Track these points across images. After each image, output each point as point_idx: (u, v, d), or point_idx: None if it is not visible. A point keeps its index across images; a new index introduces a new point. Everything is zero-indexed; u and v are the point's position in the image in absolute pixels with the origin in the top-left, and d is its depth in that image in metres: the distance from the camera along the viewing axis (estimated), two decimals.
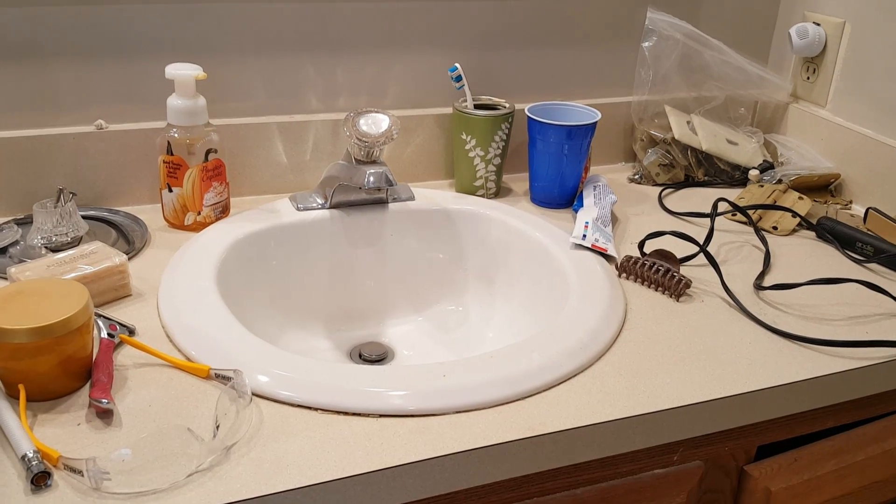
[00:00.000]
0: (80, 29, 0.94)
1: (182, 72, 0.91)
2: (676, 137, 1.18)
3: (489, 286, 1.02)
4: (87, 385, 0.69)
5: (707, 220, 1.08)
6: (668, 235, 0.96)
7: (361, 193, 1.00)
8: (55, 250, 0.87)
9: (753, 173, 1.17)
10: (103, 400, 0.64)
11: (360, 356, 0.96)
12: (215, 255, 0.88)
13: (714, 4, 1.23)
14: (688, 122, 1.20)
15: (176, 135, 0.92)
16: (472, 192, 1.10)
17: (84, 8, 0.93)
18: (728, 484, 0.83)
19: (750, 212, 1.06)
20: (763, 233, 1.03)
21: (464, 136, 1.07)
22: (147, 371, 0.71)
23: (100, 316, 0.75)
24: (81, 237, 0.91)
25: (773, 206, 1.07)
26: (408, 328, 1.01)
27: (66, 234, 0.89)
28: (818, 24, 1.20)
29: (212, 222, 0.96)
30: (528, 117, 1.06)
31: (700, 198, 1.16)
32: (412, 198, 1.04)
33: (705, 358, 0.78)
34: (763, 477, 0.82)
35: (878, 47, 1.13)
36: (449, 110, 1.12)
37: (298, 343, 0.94)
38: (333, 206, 1.00)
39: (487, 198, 1.10)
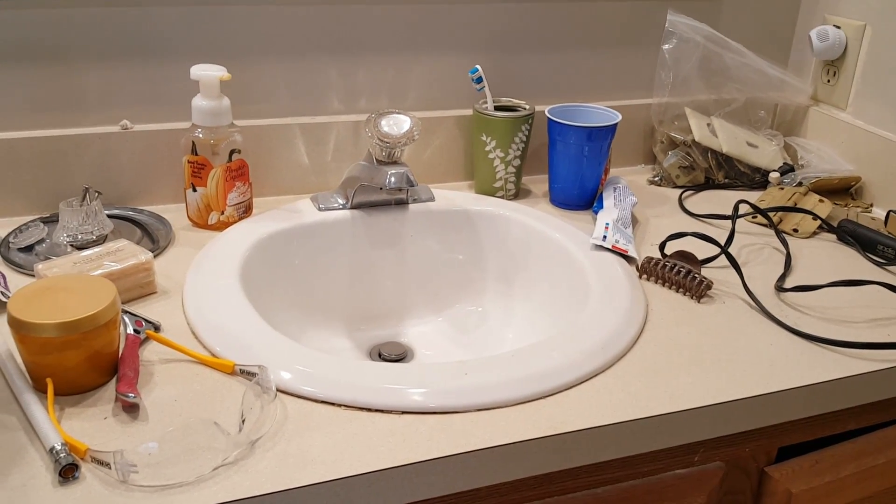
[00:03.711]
0: (106, 31, 0.95)
1: (207, 73, 0.92)
2: (696, 140, 1.18)
3: (508, 287, 1.02)
4: (114, 380, 0.70)
5: (727, 223, 1.08)
6: (688, 237, 0.96)
7: (382, 194, 1.01)
8: (80, 248, 0.88)
9: (774, 176, 1.17)
10: (130, 394, 0.65)
11: (379, 355, 0.96)
12: (239, 254, 0.88)
13: (734, 7, 1.23)
14: (708, 125, 1.20)
15: (200, 135, 0.93)
16: (491, 193, 1.10)
17: (110, 10, 0.95)
18: (749, 485, 0.83)
19: (770, 214, 1.06)
20: (784, 235, 1.03)
21: (484, 138, 1.07)
22: (173, 367, 0.72)
23: (126, 312, 0.76)
24: (107, 235, 0.92)
25: (794, 209, 1.07)
26: (427, 328, 1.02)
27: (92, 232, 0.90)
28: (838, 27, 1.20)
29: (235, 222, 0.97)
30: (549, 119, 1.07)
31: (720, 200, 1.16)
32: (432, 199, 1.04)
33: (726, 359, 0.78)
34: (784, 479, 0.82)
35: None
36: (469, 112, 1.12)
37: (319, 342, 0.95)
38: (354, 207, 1.00)
39: (507, 199, 1.10)
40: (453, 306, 1.03)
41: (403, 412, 0.68)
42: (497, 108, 1.08)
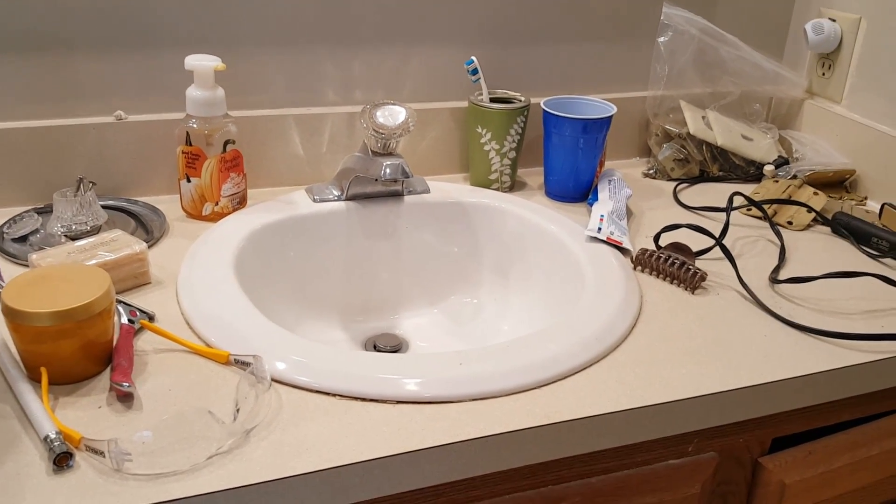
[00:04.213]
0: (101, 20, 0.95)
1: (201, 63, 0.91)
2: (691, 132, 1.18)
3: (504, 279, 1.02)
4: (108, 369, 0.70)
5: (722, 215, 1.08)
6: (683, 229, 0.96)
7: (377, 185, 1.01)
8: (74, 238, 0.87)
9: (768, 169, 1.17)
10: (124, 383, 0.65)
11: (374, 347, 0.96)
12: (233, 246, 0.88)
13: (730, 0, 1.23)
14: (703, 118, 1.21)
15: (195, 125, 0.93)
16: (486, 185, 1.10)
17: None
18: (742, 476, 0.83)
19: (765, 206, 1.06)
20: (778, 227, 1.03)
21: (479, 130, 1.07)
22: (167, 356, 0.72)
23: (120, 302, 0.76)
24: (101, 226, 0.92)
25: (789, 201, 1.07)
26: (422, 320, 1.02)
27: (86, 222, 0.90)
28: (834, 20, 1.20)
29: (229, 213, 0.97)
30: (544, 111, 1.07)
31: (715, 193, 1.16)
32: (427, 190, 1.04)
33: (720, 350, 0.78)
34: (777, 469, 0.82)
35: (894, 43, 1.12)
36: (464, 104, 1.12)
37: (314, 334, 0.95)
38: (349, 198, 1.00)
39: (502, 191, 1.10)
40: (448, 298, 1.03)
41: (398, 402, 0.68)
42: (492, 100, 1.08)
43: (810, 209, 1.06)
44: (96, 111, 0.99)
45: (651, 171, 1.20)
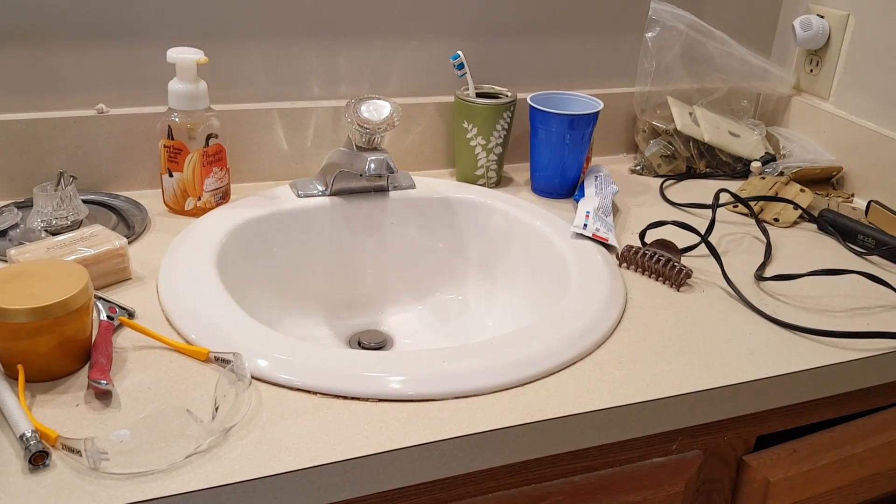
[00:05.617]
0: (82, 12, 0.94)
1: (183, 56, 0.90)
2: (679, 129, 1.18)
3: (489, 275, 1.01)
4: (86, 367, 0.69)
5: (708, 212, 1.08)
6: (669, 225, 0.95)
7: (362, 181, 1.00)
8: (55, 233, 0.86)
9: (755, 165, 1.17)
10: (102, 381, 0.64)
11: (359, 344, 0.95)
12: (215, 241, 0.87)
13: None
14: (690, 114, 1.20)
15: (177, 119, 0.92)
16: (473, 181, 1.10)
17: None
18: (727, 474, 0.83)
19: (751, 203, 1.06)
20: (764, 224, 1.03)
21: (465, 125, 1.06)
22: (146, 353, 0.71)
23: (99, 298, 0.75)
24: (81, 221, 0.91)
25: (775, 198, 1.07)
26: (407, 316, 1.01)
27: (67, 217, 0.89)
28: (822, 17, 1.20)
29: (212, 208, 0.96)
30: (531, 106, 1.06)
31: (701, 189, 1.15)
32: (413, 186, 1.03)
33: (705, 347, 0.78)
34: (762, 467, 0.82)
35: (882, 40, 1.12)
36: (451, 99, 1.12)
37: (298, 330, 0.94)
38: (334, 194, 0.99)
39: (488, 187, 1.09)
40: (434, 294, 1.03)
41: (380, 400, 0.67)
42: (479, 95, 1.07)
43: (797, 206, 1.06)
44: (77, 104, 0.97)
45: (638, 168, 1.20)
